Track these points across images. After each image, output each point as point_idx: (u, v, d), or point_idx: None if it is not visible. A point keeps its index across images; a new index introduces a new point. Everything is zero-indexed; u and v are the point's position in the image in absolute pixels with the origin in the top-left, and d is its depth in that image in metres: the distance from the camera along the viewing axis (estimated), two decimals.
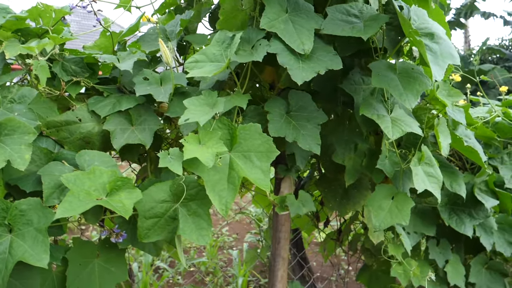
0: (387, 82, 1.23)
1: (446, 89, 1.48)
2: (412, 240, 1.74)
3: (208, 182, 1.15)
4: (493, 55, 9.77)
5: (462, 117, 1.53)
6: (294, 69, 1.13)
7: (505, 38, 9.53)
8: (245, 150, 1.21)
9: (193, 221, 1.23)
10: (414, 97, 1.21)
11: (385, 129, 1.22)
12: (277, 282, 1.70)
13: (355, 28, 1.21)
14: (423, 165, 1.38)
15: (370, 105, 1.31)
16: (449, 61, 1.20)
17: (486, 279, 1.94)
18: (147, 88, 1.34)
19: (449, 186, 1.62)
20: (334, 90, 1.44)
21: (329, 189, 1.66)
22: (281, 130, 1.26)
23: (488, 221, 1.83)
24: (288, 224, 1.69)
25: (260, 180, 1.17)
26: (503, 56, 9.15)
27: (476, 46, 9.94)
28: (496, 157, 2.03)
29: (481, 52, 9.69)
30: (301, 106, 1.33)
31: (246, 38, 1.24)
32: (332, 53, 1.21)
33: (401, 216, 1.36)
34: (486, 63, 9.15)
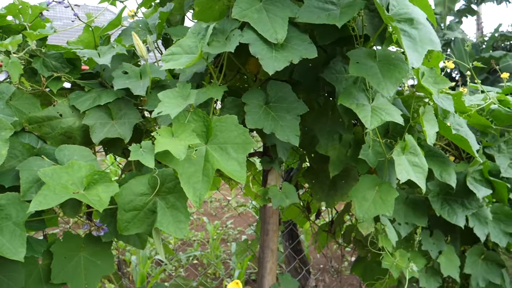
0: (366, 70, 1.20)
1: (432, 76, 1.44)
2: (403, 230, 1.71)
3: (182, 174, 1.14)
4: (506, 42, 9.51)
5: (450, 105, 1.49)
6: (266, 59, 1.11)
7: None
8: (222, 142, 1.20)
9: (171, 214, 1.23)
10: (393, 85, 1.18)
11: (363, 118, 1.20)
12: (267, 274, 1.70)
13: (330, 16, 1.18)
14: (407, 155, 1.35)
15: (350, 94, 1.28)
16: (428, 46, 1.17)
17: (482, 270, 1.91)
18: (126, 82, 1.34)
19: (438, 175, 1.59)
20: (317, 80, 1.42)
21: (316, 181, 1.64)
22: (259, 122, 1.25)
23: (482, 211, 1.79)
24: (276, 216, 1.68)
25: (236, 172, 1.16)
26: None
27: (489, 33, 9.67)
28: (492, 146, 1.98)
29: (493, 38, 9.45)
30: (281, 97, 1.32)
31: (221, 29, 1.22)
32: (307, 42, 1.19)
33: (385, 206, 1.34)
34: (499, 50, 8.94)
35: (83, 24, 1.42)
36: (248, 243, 1.86)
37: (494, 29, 9.68)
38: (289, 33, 1.20)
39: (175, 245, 3.93)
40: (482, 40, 10.06)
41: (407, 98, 1.76)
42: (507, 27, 11.08)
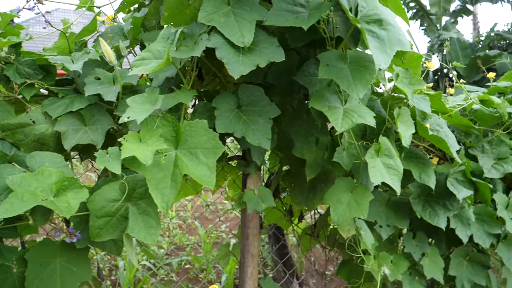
0: (336, 72, 1.19)
1: (408, 77, 1.43)
2: (384, 233, 1.70)
3: (151, 180, 1.14)
4: (502, 41, 9.50)
5: (427, 106, 1.48)
6: (232, 63, 1.10)
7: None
8: (191, 147, 1.19)
9: (143, 219, 1.22)
10: (363, 86, 1.17)
11: (333, 121, 1.19)
12: (247, 279, 1.69)
13: (299, 18, 1.17)
14: (382, 157, 1.34)
15: (322, 96, 1.27)
16: (397, 47, 1.16)
17: (467, 272, 1.89)
18: (98, 88, 1.34)
19: (417, 177, 1.58)
20: (291, 83, 1.41)
21: (296, 184, 1.63)
22: (230, 126, 1.24)
23: (465, 212, 1.78)
24: (256, 220, 1.67)
25: (205, 177, 1.15)
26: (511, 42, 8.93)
27: (485, 32, 9.67)
28: (476, 146, 1.97)
29: (489, 38, 9.43)
30: (253, 101, 1.31)
31: (190, 34, 1.22)
32: (275, 45, 1.18)
33: (360, 209, 1.33)
34: (495, 49, 8.92)
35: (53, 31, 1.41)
36: (230, 248, 1.85)
37: (490, 28, 9.67)
38: (258, 37, 1.19)
39: (168, 249, 3.92)
40: (478, 40, 10.05)
41: (388, 100, 1.75)
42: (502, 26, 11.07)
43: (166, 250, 3.88)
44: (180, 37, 1.24)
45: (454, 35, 9.28)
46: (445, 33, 9.52)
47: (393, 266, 1.77)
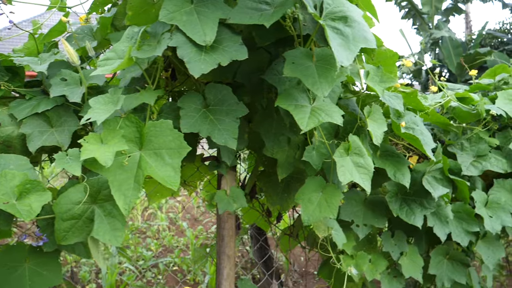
0: (301, 70, 1.18)
1: (379, 75, 1.42)
2: (361, 233, 1.69)
3: (114, 182, 1.12)
4: (494, 40, 9.51)
5: (399, 103, 1.47)
6: (193, 62, 1.09)
7: (506, 22, 9.28)
8: (156, 148, 1.17)
9: (108, 221, 1.21)
10: (329, 84, 1.16)
11: (298, 120, 1.17)
12: (223, 280, 1.67)
13: (263, 15, 1.16)
14: (352, 155, 1.32)
15: (290, 95, 1.26)
16: (362, 44, 1.14)
17: (447, 270, 1.88)
18: (64, 89, 1.32)
19: (392, 175, 1.56)
20: (261, 82, 1.40)
21: (270, 184, 1.62)
22: (195, 126, 1.23)
23: (443, 210, 1.77)
24: (231, 221, 1.65)
25: (170, 178, 1.14)
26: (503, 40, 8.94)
27: (477, 31, 9.70)
28: (455, 144, 1.96)
29: (481, 36, 9.44)
30: (220, 100, 1.29)
31: (153, 33, 1.20)
32: (239, 43, 1.16)
33: (329, 209, 1.31)
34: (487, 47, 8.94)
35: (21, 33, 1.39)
36: (207, 249, 1.83)
37: (481, 27, 9.69)
38: (221, 35, 1.18)
39: (156, 251, 3.90)
40: (470, 39, 10.06)
41: (365, 98, 1.74)
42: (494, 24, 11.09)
43: (155, 252, 3.86)
44: (145, 37, 1.22)
45: (446, 34, 9.29)
46: (437, 32, 9.52)
47: (372, 266, 1.76)
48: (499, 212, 1.84)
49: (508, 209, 1.85)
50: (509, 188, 1.93)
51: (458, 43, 9.37)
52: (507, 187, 1.93)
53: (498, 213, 1.84)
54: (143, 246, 3.92)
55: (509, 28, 9.37)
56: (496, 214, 1.84)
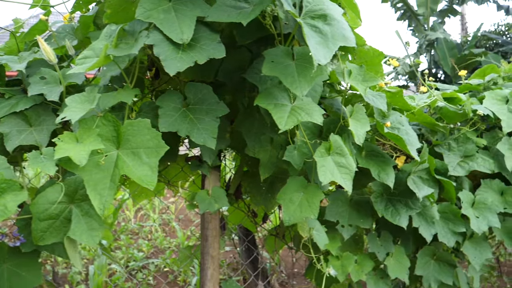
0: (280, 69, 1.17)
1: (362, 74, 1.41)
2: (346, 233, 1.67)
3: (89, 181, 1.10)
4: (490, 42, 9.53)
5: (383, 103, 1.46)
6: (169, 60, 1.08)
7: (501, 24, 9.32)
8: (134, 147, 1.16)
9: (86, 221, 1.19)
10: (308, 83, 1.15)
11: (277, 119, 1.16)
12: (207, 281, 1.65)
13: (241, 14, 1.15)
14: (333, 155, 1.31)
15: (270, 94, 1.25)
16: (341, 43, 1.13)
17: (434, 271, 1.87)
18: (43, 88, 1.30)
19: (376, 175, 1.55)
20: (243, 81, 1.38)
21: (254, 184, 1.60)
22: (174, 125, 1.21)
23: (429, 211, 1.76)
24: (215, 222, 1.64)
25: (146, 177, 1.13)
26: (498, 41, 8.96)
27: (473, 33, 9.73)
28: (442, 144, 1.95)
29: (476, 38, 9.47)
30: (200, 99, 1.28)
31: (131, 31, 1.19)
32: (217, 41, 1.15)
33: (310, 209, 1.30)
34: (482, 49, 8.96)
35: None
36: (192, 250, 1.82)
37: (476, 29, 9.72)
38: (199, 33, 1.16)
39: (148, 252, 3.88)
40: (466, 40, 10.08)
41: (350, 98, 1.73)
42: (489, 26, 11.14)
43: (146, 253, 3.83)
44: (123, 35, 1.21)
45: (441, 35, 9.31)
46: (432, 33, 9.54)
47: (358, 267, 1.75)
48: (485, 212, 1.83)
49: (494, 209, 1.84)
50: (496, 189, 1.92)
51: (453, 45, 9.40)
52: (494, 187, 1.92)
53: (484, 213, 1.83)
54: (134, 247, 3.90)
55: (504, 30, 9.40)
56: (483, 214, 1.83)
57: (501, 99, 2.00)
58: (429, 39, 9.57)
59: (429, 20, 10.41)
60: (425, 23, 10.51)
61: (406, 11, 10.67)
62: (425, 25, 10.49)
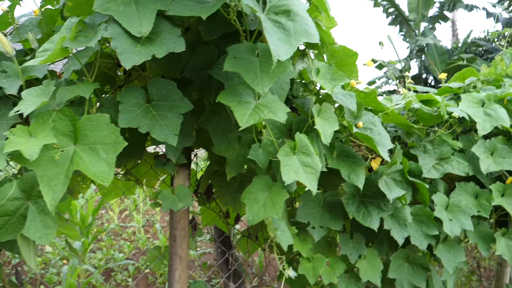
0: (242, 65, 1.15)
1: (330, 72, 1.40)
2: (317, 235, 1.65)
3: (43, 176, 1.07)
4: (479, 48, 9.62)
5: (352, 102, 1.44)
6: (126, 53, 1.05)
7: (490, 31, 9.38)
8: (92, 142, 1.13)
9: (41, 219, 1.16)
10: (270, 80, 1.13)
11: (238, 116, 1.14)
12: (175, 282, 1.62)
13: (203, 8, 1.13)
14: (299, 155, 1.29)
15: (234, 91, 1.23)
16: (303, 39, 1.12)
17: (408, 274, 1.85)
18: (2, 81, 1.27)
19: (346, 176, 1.54)
20: (210, 78, 1.36)
21: (223, 184, 1.58)
22: (134, 121, 1.18)
23: (402, 213, 1.74)
24: (184, 221, 1.61)
25: (102, 174, 1.10)
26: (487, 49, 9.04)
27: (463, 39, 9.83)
28: (417, 146, 1.94)
29: (466, 44, 9.56)
30: (164, 95, 1.25)
31: (91, 24, 1.16)
32: (177, 35, 1.13)
33: (274, 209, 1.28)
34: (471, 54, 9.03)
35: None
36: (161, 250, 1.78)
37: (466, 35, 9.80)
38: (161, 27, 1.14)
39: (129, 254, 3.83)
40: (456, 46, 10.16)
41: (325, 97, 1.72)
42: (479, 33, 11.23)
43: (127, 255, 3.78)
44: (84, 28, 1.18)
45: (431, 41, 9.36)
46: (423, 39, 9.59)
47: (329, 269, 1.73)
48: (459, 215, 1.82)
49: (468, 212, 1.83)
50: (471, 192, 1.91)
51: (443, 50, 9.45)
52: (469, 190, 1.91)
53: (458, 216, 1.82)
54: (115, 248, 3.85)
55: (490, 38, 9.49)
56: (456, 217, 1.82)
57: (477, 102, 1.99)
58: (420, 44, 9.62)
59: (420, 25, 10.48)
60: (416, 28, 10.57)
61: (398, 16, 10.74)
62: (416, 30, 10.56)
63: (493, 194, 1.87)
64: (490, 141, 1.97)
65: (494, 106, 1.97)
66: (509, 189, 1.91)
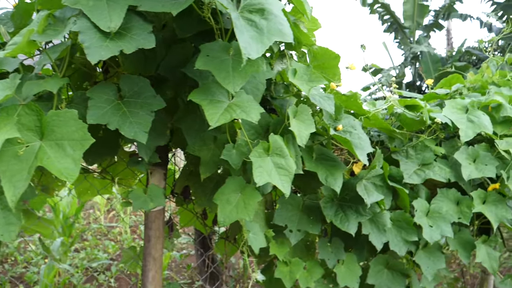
0: (215, 64, 1.13)
1: (308, 74, 1.38)
2: (294, 238, 1.63)
3: (6, 172, 1.05)
4: (473, 57, 9.68)
5: (330, 105, 1.43)
6: (93, 48, 1.03)
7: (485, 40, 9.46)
8: (59, 138, 1.10)
9: (4, 215, 1.14)
10: (242, 80, 1.11)
11: (209, 115, 1.12)
12: (148, 284, 1.59)
13: (176, 4, 1.11)
14: (273, 156, 1.27)
15: (208, 89, 1.21)
16: (276, 38, 1.10)
17: (387, 280, 1.83)
18: None
19: (323, 180, 1.52)
20: (185, 76, 1.34)
21: (199, 184, 1.55)
22: (104, 117, 1.16)
23: (381, 218, 1.72)
24: (159, 222, 1.58)
25: (67, 170, 1.07)
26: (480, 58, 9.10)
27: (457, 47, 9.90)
28: (399, 151, 1.92)
29: (460, 53, 9.62)
30: (136, 92, 1.23)
31: (61, 17, 1.14)
32: (147, 31, 1.11)
33: (246, 211, 1.26)
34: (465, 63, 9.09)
35: None
36: (136, 251, 1.75)
37: (460, 44, 9.85)
38: (132, 23, 1.12)
39: (114, 254, 3.78)
40: (450, 55, 10.22)
41: (307, 99, 1.70)
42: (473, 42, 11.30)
43: (111, 255, 3.74)
44: (54, 21, 1.16)
45: (425, 49, 9.40)
46: (417, 46, 9.64)
47: (307, 273, 1.70)
48: (439, 222, 1.80)
49: (449, 219, 1.82)
50: (452, 198, 1.90)
51: (438, 58, 9.49)
52: (451, 197, 1.90)
53: (438, 222, 1.80)
54: (100, 248, 3.81)
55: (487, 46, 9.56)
56: (437, 223, 1.80)
57: (461, 109, 1.98)
58: (414, 52, 9.66)
59: (415, 33, 10.53)
60: (411, 36, 10.62)
61: (393, 24, 10.78)
62: (411, 38, 10.61)
63: (474, 201, 1.85)
64: (472, 148, 1.96)
65: (478, 113, 1.96)
66: (490, 197, 1.90)
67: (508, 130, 2.11)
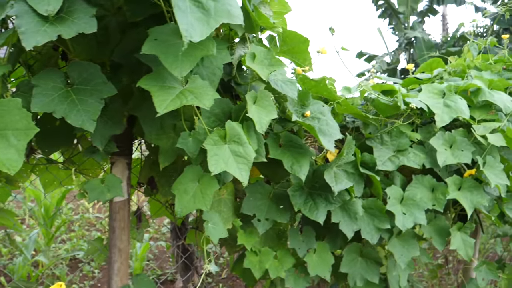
0: (162, 48, 1.08)
1: (268, 58, 1.33)
2: (262, 227, 1.60)
3: None
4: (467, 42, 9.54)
5: (293, 90, 1.38)
6: (29, 33, 0.98)
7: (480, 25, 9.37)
8: (2, 128, 1.06)
9: None
10: (190, 64, 1.07)
11: (157, 102, 1.08)
12: (114, 275, 1.57)
13: None
14: (230, 144, 1.23)
15: (159, 75, 1.16)
16: (224, 20, 1.05)
17: (361, 268, 1.81)
18: None
19: (289, 167, 1.48)
20: (140, 62, 1.29)
21: (163, 173, 1.52)
22: (49, 105, 1.12)
23: (353, 206, 1.69)
24: (124, 212, 1.55)
25: (10, 161, 1.03)
26: None
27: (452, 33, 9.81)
28: (374, 137, 1.88)
29: (454, 38, 9.52)
30: (85, 79, 1.19)
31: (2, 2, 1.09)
32: (89, 15, 1.06)
33: (203, 201, 1.22)
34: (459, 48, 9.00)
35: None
36: (103, 242, 1.72)
37: (455, 29, 9.75)
38: (75, 6, 1.07)
39: None
40: (445, 40, 10.12)
41: None
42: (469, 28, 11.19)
43: None
44: None
45: (419, 34, 9.30)
46: (411, 32, 9.53)
47: (277, 263, 1.68)
48: (413, 209, 1.77)
49: (422, 206, 1.78)
50: (428, 185, 1.86)
51: (432, 44, 9.40)
52: (426, 183, 1.86)
53: (412, 210, 1.77)
54: (86, 239, 3.79)
55: (482, 31, 9.49)
56: (410, 211, 1.77)
57: (437, 93, 1.94)
58: (408, 37, 9.55)
59: (410, 18, 10.41)
60: (405, 22, 10.50)
61: (387, 9, 10.65)
62: (406, 23, 10.49)
63: (449, 187, 1.82)
64: (449, 133, 1.92)
65: (455, 97, 1.92)
66: (466, 183, 1.87)
67: (487, 115, 2.07)
